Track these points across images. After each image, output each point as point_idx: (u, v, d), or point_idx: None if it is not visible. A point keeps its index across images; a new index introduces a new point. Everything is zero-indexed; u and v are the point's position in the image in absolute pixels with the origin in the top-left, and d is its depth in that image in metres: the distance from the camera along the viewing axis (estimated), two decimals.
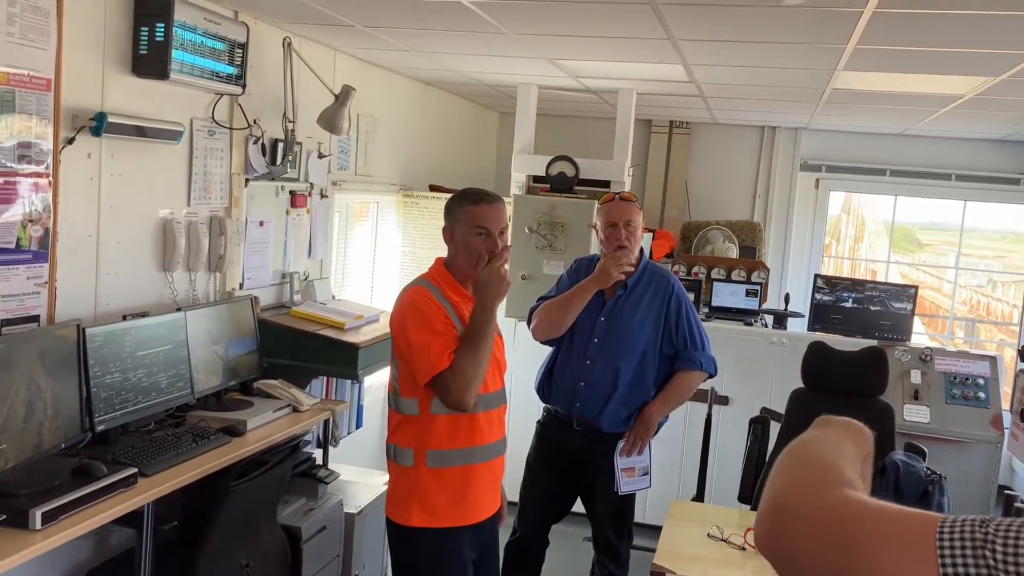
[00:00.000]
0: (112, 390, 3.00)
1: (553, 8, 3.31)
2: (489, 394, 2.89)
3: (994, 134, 6.59)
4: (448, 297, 2.83)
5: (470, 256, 2.82)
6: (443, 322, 2.75)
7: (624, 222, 3.57)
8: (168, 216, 3.52)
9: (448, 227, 2.88)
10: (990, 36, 3.26)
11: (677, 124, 7.30)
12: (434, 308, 2.76)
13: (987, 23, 3.05)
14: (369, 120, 5.20)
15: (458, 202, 2.88)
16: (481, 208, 2.82)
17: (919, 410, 4.75)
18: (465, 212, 2.82)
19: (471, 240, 2.81)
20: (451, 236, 2.87)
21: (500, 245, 2.81)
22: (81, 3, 2.98)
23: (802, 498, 0.87)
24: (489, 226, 2.81)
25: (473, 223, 2.81)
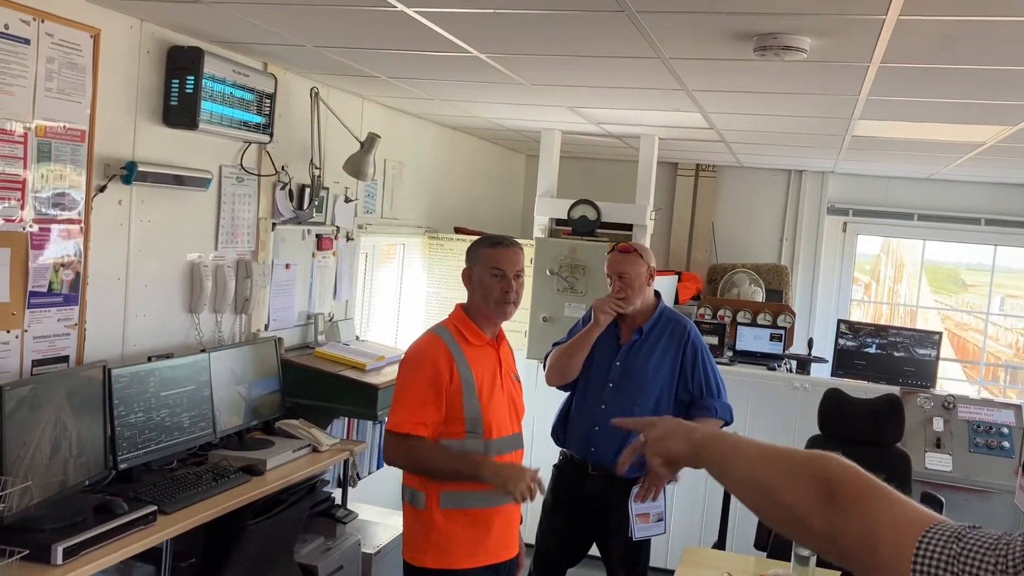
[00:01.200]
0: (136, 429, 3.10)
1: (567, 61, 3.41)
2: (504, 438, 2.94)
3: (1022, 179, 6.56)
4: (462, 343, 2.89)
5: (485, 296, 2.91)
6: (435, 387, 2.80)
7: (617, 274, 3.63)
8: (196, 260, 3.65)
9: (467, 269, 2.99)
10: (1000, 89, 3.29)
11: (703, 167, 7.35)
12: (433, 368, 2.81)
13: (995, 77, 3.08)
14: (396, 165, 5.33)
15: (476, 245, 3.01)
16: (498, 251, 2.94)
17: (941, 458, 4.70)
18: (482, 254, 2.94)
19: (487, 280, 2.90)
20: (469, 278, 2.98)
21: (515, 287, 2.91)
22: (116, 60, 3.14)
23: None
24: (504, 267, 2.91)
25: (489, 264, 2.91)
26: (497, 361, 2.99)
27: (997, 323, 13.02)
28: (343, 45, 3.43)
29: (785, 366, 5.91)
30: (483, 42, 3.17)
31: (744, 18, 2.53)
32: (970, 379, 10.14)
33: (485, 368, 2.92)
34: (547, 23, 2.80)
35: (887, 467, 3.96)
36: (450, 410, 2.83)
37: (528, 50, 3.25)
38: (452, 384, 2.82)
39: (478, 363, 2.89)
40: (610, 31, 2.80)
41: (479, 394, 2.86)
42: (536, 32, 2.95)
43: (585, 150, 6.67)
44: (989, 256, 7.29)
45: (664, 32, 2.78)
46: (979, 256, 7.67)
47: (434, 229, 5.92)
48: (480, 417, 2.86)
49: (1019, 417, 4.85)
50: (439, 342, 2.88)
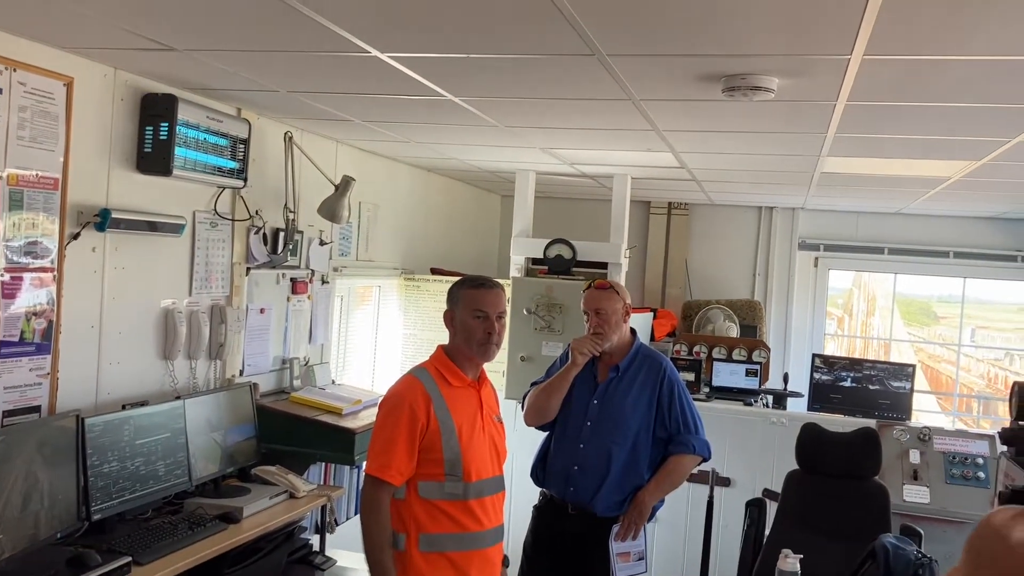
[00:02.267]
0: (109, 479, 3.06)
1: (539, 104, 3.45)
2: (484, 480, 2.91)
3: (989, 212, 6.69)
4: (442, 384, 2.86)
5: (468, 338, 2.89)
6: (410, 432, 2.77)
7: (594, 310, 3.65)
8: (170, 306, 3.62)
9: (449, 311, 2.97)
10: (963, 125, 3.37)
11: (675, 205, 7.43)
12: (410, 412, 2.78)
13: (957, 114, 3.16)
14: (371, 207, 5.34)
15: (458, 287, 2.99)
16: (480, 292, 2.93)
17: (919, 491, 4.72)
18: (464, 296, 2.93)
19: (469, 322, 2.89)
20: (451, 319, 2.95)
21: (497, 328, 2.90)
22: (90, 107, 3.14)
23: None
24: (487, 309, 2.90)
25: (472, 306, 2.90)
26: (478, 403, 2.95)
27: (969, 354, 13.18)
28: (317, 90, 3.46)
29: (762, 401, 5.94)
30: (456, 86, 3.21)
31: (712, 60, 2.58)
32: (944, 410, 10.23)
33: (465, 410, 2.88)
34: (519, 67, 2.84)
35: (866, 501, 3.99)
36: (429, 452, 2.79)
37: (501, 93, 3.29)
38: (430, 427, 2.78)
39: (458, 405, 2.86)
40: (581, 74, 2.85)
41: (459, 436, 2.82)
42: (509, 76, 2.99)
43: (559, 190, 6.73)
44: (960, 288, 7.40)
45: (634, 74, 2.83)
46: (950, 288, 7.79)
47: (410, 270, 5.93)
48: (459, 460, 2.81)
49: (993, 447, 4.89)
50: (417, 384, 2.85)
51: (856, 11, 2.04)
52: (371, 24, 2.43)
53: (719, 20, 2.19)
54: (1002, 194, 5.48)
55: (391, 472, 2.75)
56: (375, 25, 2.44)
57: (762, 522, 4.13)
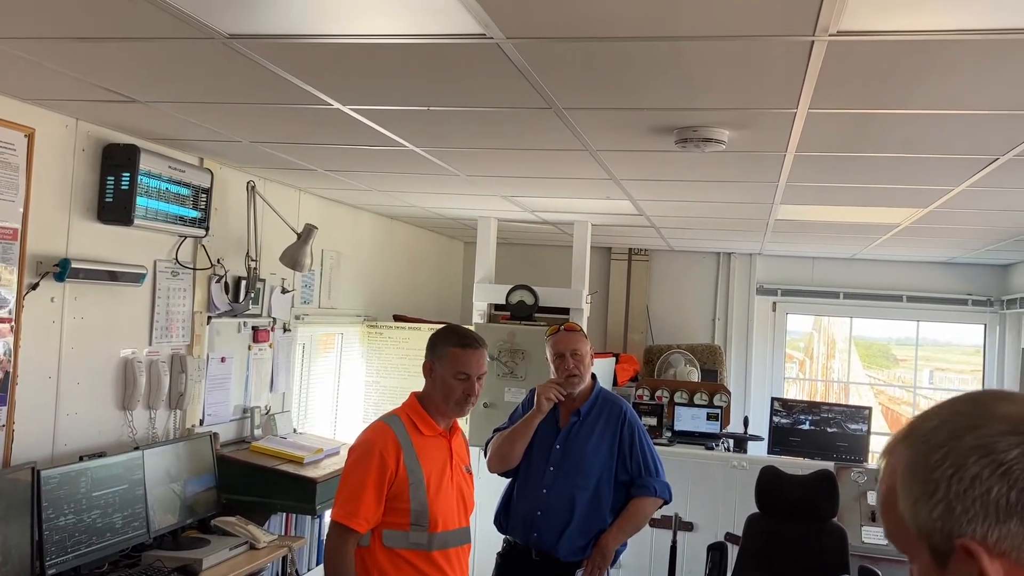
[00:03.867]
0: (65, 532, 3.01)
1: (499, 154, 3.52)
2: (449, 532, 2.84)
3: (939, 257, 6.87)
4: (413, 433, 2.81)
5: (446, 396, 2.83)
6: (379, 480, 2.71)
7: (571, 351, 3.67)
8: (129, 355, 3.60)
9: (429, 362, 2.87)
10: (908, 174, 3.49)
11: (636, 251, 7.54)
12: (380, 459, 2.72)
13: (901, 164, 3.28)
14: (334, 255, 5.37)
15: (444, 340, 2.88)
16: (467, 353, 2.83)
17: (877, 532, 4.78)
18: (449, 353, 2.83)
19: (450, 381, 2.81)
20: (430, 371, 2.86)
21: (477, 389, 2.84)
22: (51, 158, 3.15)
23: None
24: (471, 371, 2.83)
25: (456, 367, 2.81)
26: (448, 453, 2.90)
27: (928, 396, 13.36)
28: (280, 140, 3.50)
29: (723, 445, 5.99)
30: (417, 137, 3.27)
31: (663, 113, 2.67)
32: None
33: (435, 460, 2.83)
34: (479, 119, 2.91)
35: (824, 542, 4.04)
36: (396, 501, 2.74)
37: (461, 144, 3.36)
38: (398, 475, 2.73)
39: (428, 454, 2.80)
40: (539, 126, 2.92)
41: (426, 486, 2.76)
42: (468, 127, 3.05)
43: (521, 236, 6.80)
44: (921, 331, 7.56)
45: (590, 127, 2.91)
46: (908, 331, 7.95)
47: (373, 318, 5.94)
48: (426, 510, 2.76)
49: None
50: (389, 432, 2.79)
51: (799, 68, 2.13)
52: (332, 78, 2.49)
53: (669, 76, 2.27)
54: (949, 240, 5.64)
55: (358, 520, 2.70)
56: (336, 79, 2.49)
57: (724, 565, 4.16)
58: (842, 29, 1.85)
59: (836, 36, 1.89)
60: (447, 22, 1.94)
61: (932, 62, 2.05)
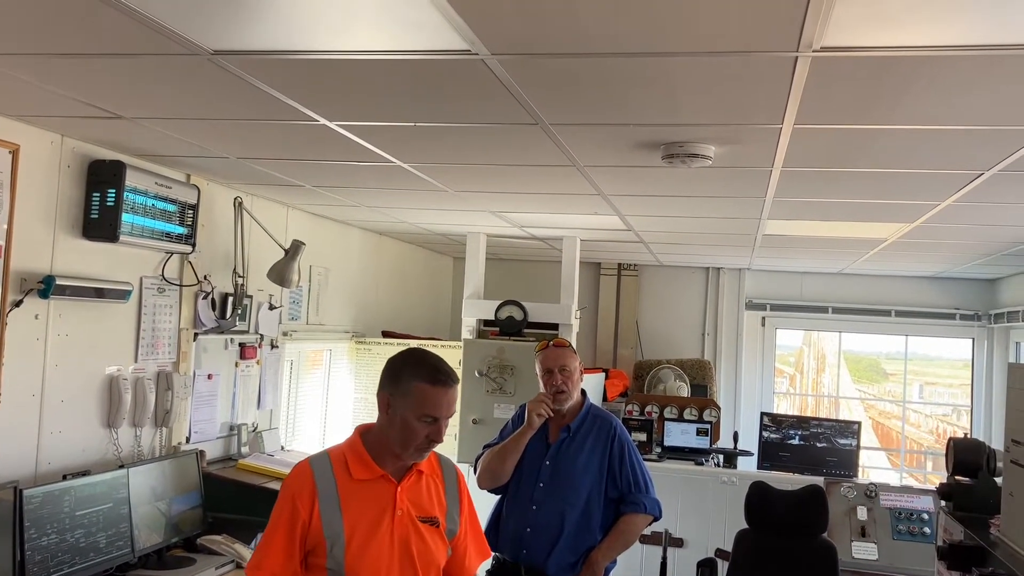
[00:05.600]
0: (48, 552, 2.98)
1: (487, 170, 3.52)
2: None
3: (927, 272, 6.90)
4: (341, 476, 2.33)
5: (406, 439, 2.31)
6: (290, 530, 2.27)
7: (559, 367, 3.66)
8: (115, 373, 3.58)
9: (386, 395, 2.34)
10: (894, 189, 3.50)
11: (625, 266, 7.54)
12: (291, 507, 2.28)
13: (887, 179, 3.29)
14: (321, 271, 5.35)
15: (411, 372, 2.32)
16: (438, 392, 2.30)
17: (867, 547, 4.77)
18: (415, 389, 2.29)
19: (413, 424, 2.29)
20: (387, 405, 2.33)
21: (443, 431, 2.33)
22: (35, 174, 3.14)
23: None
24: (440, 413, 2.31)
25: (422, 406, 2.29)
26: (391, 501, 2.34)
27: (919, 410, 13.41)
28: (266, 156, 3.49)
29: (713, 460, 5.98)
30: (404, 153, 3.26)
31: (650, 129, 2.67)
32: (894, 467, 10.37)
33: (365, 510, 2.31)
34: (466, 135, 2.91)
35: (814, 558, 4.02)
36: (312, 557, 2.30)
37: (449, 159, 3.36)
38: (311, 528, 2.27)
39: (357, 504, 2.31)
40: (526, 142, 2.92)
41: (345, 543, 2.27)
42: (456, 143, 3.05)
43: (510, 252, 6.81)
44: (911, 345, 7.58)
45: (577, 143, 2.91)
46: (897, 345, 7.98)
47: (361, 334, 5.92)
48: (342, 572, 2.27)
49: (938, 503, 4.97)
50: (307, 474, 2.33)
51: (783, 84, 2.14)
52: (318, 94, 2.48)
53: (655, 92, 2.28)
54: (937, 255, 5.67)
55: (262, 572, 2.28)
56: (322, 95, 2.49)
57: None
58: (825, 45, 1.86)
59: (820, 52, 1.90)
60: (432, 38, 1.94)
61: (916, 78, 2.06)
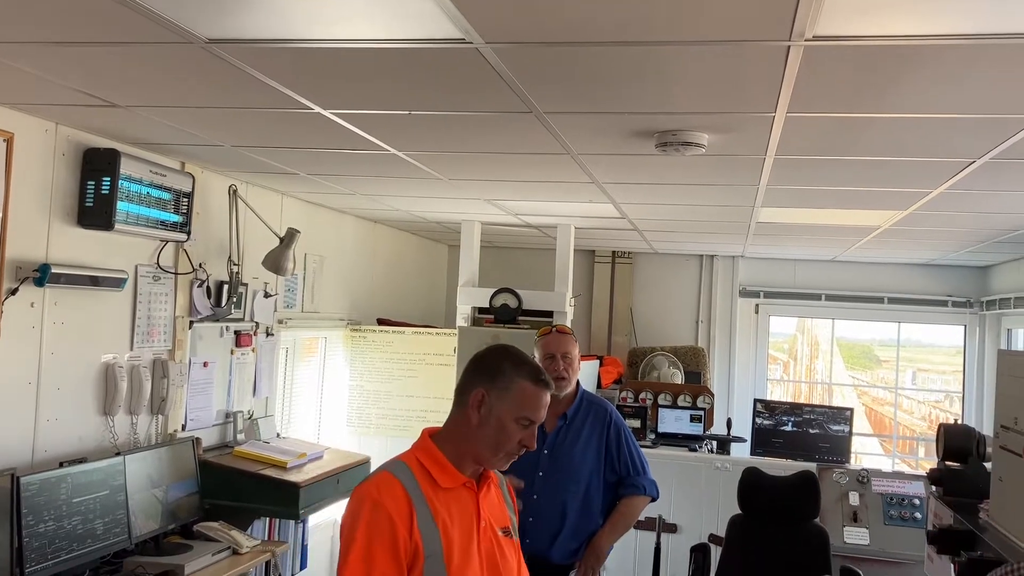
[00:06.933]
0: (45, 539, 2.99)
1: (482, 158, 3.53)
2: None
3: (919, 259, 6.92)
4: (427, 485, 2.06)
5: (498, 443, 2.10)
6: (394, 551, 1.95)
7: (562, 354, 3.68)
8: (111, 361, 3.59)
9: (482, 391, 2.09)
10: (887, 177, 3.52)
11: (619, 254, 7.56)
12: (390, 524, 1.96)
13: (880, 167, 3.30)
14: (317, 258, 5.36)
15: (512, 369, 2.11)
16: (539, 393, 2.12)
17: (859, 532, 4.82)
18: (519, 388, 2.09)
19: (509, 425, 2.09)
20: (481, 403, 2.09)
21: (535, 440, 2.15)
22: (30, 163, 3.13)
23: None
24: (538, 417, 2.13)
25: (523, 407, 2.09)
26: (475, 511, 2.12)
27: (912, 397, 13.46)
28: (261, 144, 3.50)
29: (706, 446, 6.01)
30: (399, 141, 3.27)
31: (643, 117, 2.68)
32: (887, 453, 10.42)
33: (456, 522, 2.06)
34: (461, 123, 2.91)
35: (806, 543, 4.06)
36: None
37: (444, 148, 3.36)
38: (411, 545, 1.98)
39: (446, 515, 2.05)
40: (521, 130, 2.93)
41: (446, 560, 2.00)
42: (451, 131, 3.06)
43: (505, 240, 6.81)
44: (904, 332, 7.62)
45: (571, 131, 2.92)
46: (890, 332, 8.02)
47: (356, 322, 5.93)
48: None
49: (928, 488, 5.01)
50: (397, 486, 2.02)
51: (776, 72, 2.15)
52: (313, 82, 2.49)
53: (648, 80, 2.29)
54: (929, 241, 5.69)
55: None
56: (317, 83, 2.50)
57: (707, 567, 4.18)
58: (818, 34, 1.87)
59: (812, 41, 1.91)
60: (427, 27, 1.95)
61: (908, 67, 2.08)
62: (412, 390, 5.69)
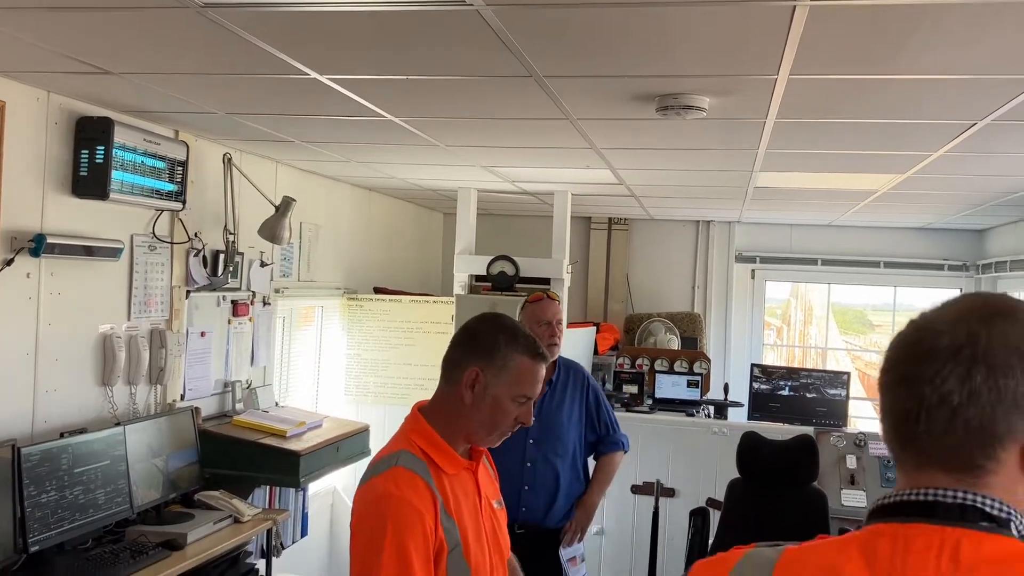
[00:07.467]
0: (47, 509, 2.99)
1: (479, 123, 3.49)
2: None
3: (916, 223, 6.92)
4: (437, 476, 1.93)
5: (494, 422, 1.99)
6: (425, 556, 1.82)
7: (555, 321, 3.70)
8: (108, 331, 3.57)
9: (476, 370, 1.95)
10: (886, 140, 3.50)
11: (616, 220, 7.53)
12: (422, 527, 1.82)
13: (881, 129, 3.28)
14: (312, 227, 5.33)
15: (507, 343, 1.98)
16: (536, 367, 2.00)
17: (856, 495, 4.86)
18: (516, 363, 1.97)
19: (506, 405, 1.97)
20: (475, 382, 1.95)
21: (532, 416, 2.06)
22: (22, 132, 3.09)
23: None
24: (535, 392, 2.03)
25: (520, 386, 1.98)
26: (476, 490, 2.05)
27: None
28: (256, 112, 3.45)
29: (703, 411, 6.04)
30: (396, 106, 3.23)
31: (645, 80, 2.65)
32: None
33: (464, 506, 1.97)
34: (459, 88, 2.88)
35: (805, 506, 4.08)
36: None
37: (441, 113, 3.33)
38: (436, 541, 1.87)
39: (456, 500, 1.95)
40: (519, 95, 2.90)
41: (465, 550, 1.91)
42: (448, 96, 3.03)
43: (501, 207, 6.78)
44: (891, 297, 7.63)
45: (570, 95, 2.89)
46: (883, 297, 8.03)
47: (353, 290, 5.91)
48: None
49: None
50: (415, 479, 1.87)
51: (780, 34, 2.12)
52: (309, 47, 2.45)
53: (650, 43, 2.25)
54: (927, 205, 5.68)
55: None
56: (313, 48, 2.46)
57: (706, 530, 4.21)
58: None
59: (817, 0, 1.88)
60: None
61: (914, 26, 2.05)
62: (410, 358, 5.69)
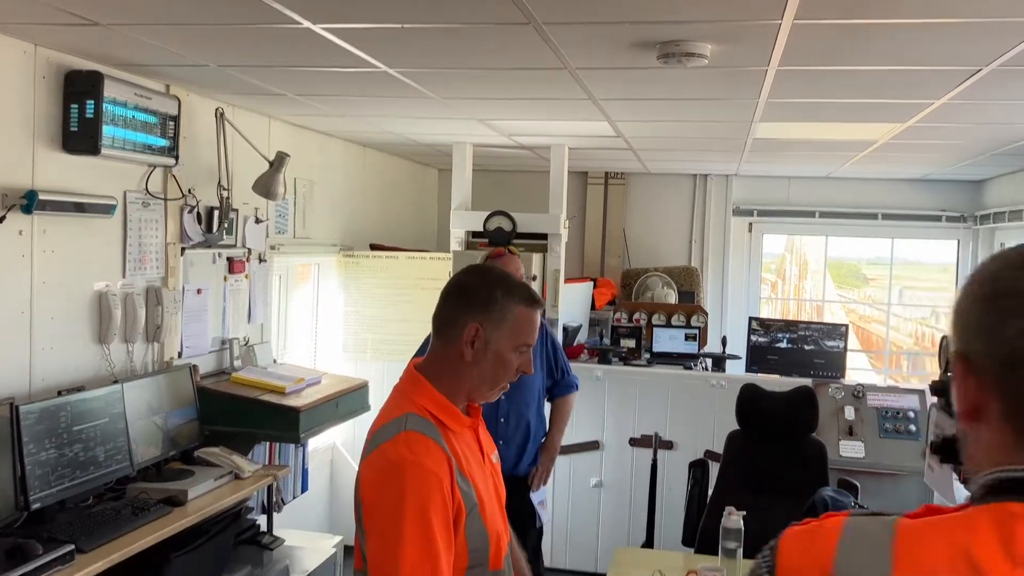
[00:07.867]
0: (48, 467, 2.99)
1: (476, 74, 3.44)
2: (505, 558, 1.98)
3: (914, 174, 6.88)
4: (447, 435, 1.86)
5: (496, 375, 1.94)
6: (446, 525, 1.75)
7: (519, 276, 3.78)
8: (103, 289, 3.54)
9: (476, 325, 1.88)
10: (888, 88, 3.45)
11: (612, 175, 7.48)
12: (441, 495, 1.75)
13: (884, 77, 3.24)
14: (306, 183, 5.27)
15: (504, 295, 1.91)
16: (534, 315, 1.95)
17: (854, 445, 4.88)
18: (515, 313, 1.91)
19: (508, 357, 1.92)
20: (475, 338, 1.88)
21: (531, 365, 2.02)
22: (9, 86, 3.03)
23: None
24: (534, 339, 1.99)
25: (520, 336, 1.93)
26: (478, 446, 2.01)
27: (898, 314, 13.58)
28: (248, 64, 3.39)
29: (701, 365, 6.05)
30: (392, 57, 3.17)
31: (646, 27, 2.60)
32: (876, 368, 10.54)
33: (471, 464, 1.91)
34: (455, 37, 2.82)
35: (804, 456, 4.10)
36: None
37: (437, 64, 3.27)
38: (454, 506, 1.80)
39: (467, 461, 1.89)
40: (517, 43, 2.84)
41: (481, 510, 1.86)
42: (444, 46, 2.97)
43: (497, 162, 6.72)
44: (888, 250, 7.62)
45: (570, 43, 2.83)
46: (878, 251, 8.02)
47: (349, 247, 5.87)
48: (487, 543, 1.87)
49: (923, 401, 5.07)
50: (430, 443, 1.80)
51: None
52: None
53: None
54: (926, 156, 5.64)
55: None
56: None
57: (705, 482, 4.23)
58: None
59: None
60: None
61: None
62: (407, 314, 5.67)
